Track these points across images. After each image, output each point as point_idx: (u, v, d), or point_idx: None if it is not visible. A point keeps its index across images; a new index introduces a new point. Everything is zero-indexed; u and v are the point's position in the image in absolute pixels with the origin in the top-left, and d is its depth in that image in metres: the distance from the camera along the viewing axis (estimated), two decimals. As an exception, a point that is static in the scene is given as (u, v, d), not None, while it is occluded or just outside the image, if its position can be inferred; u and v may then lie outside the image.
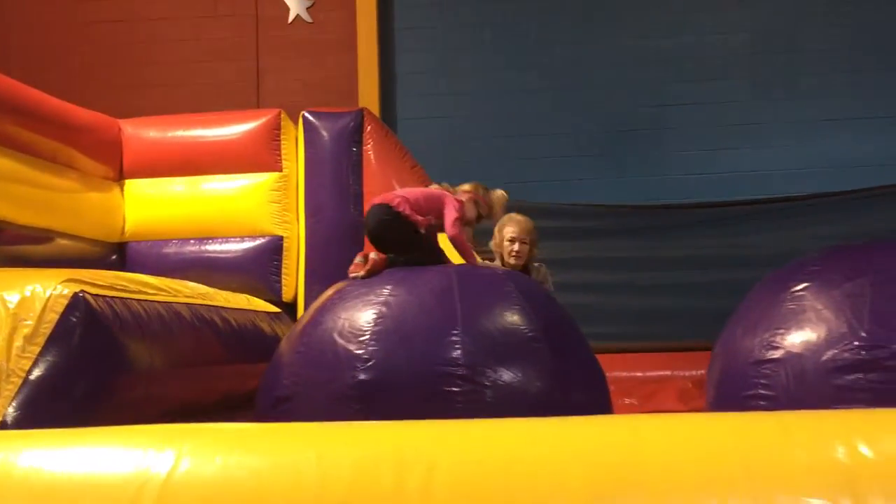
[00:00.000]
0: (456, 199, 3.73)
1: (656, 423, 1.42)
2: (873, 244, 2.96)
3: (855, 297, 2.64)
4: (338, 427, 1.53)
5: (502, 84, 6.79)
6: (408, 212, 3.52)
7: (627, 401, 4.77)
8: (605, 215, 5.95)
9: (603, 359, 4.22)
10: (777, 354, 2.74)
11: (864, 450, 1.25)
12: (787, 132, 6.37)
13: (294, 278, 5.49)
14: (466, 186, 3.85)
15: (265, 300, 5.25)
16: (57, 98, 4.94)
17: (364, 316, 3.07)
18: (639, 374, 5.19)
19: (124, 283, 3.40)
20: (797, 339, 2.71)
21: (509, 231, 4.13)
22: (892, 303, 2.61)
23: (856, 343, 2.57)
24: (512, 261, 4.10)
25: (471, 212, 3.81)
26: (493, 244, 4.21)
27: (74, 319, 2.95)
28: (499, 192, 3.94)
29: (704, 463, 1.24)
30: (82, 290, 2.99)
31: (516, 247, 4.08)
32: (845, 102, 6.33)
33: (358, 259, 3.49)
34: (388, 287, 3.17)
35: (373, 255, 3.44)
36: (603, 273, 5.96)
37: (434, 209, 3.67)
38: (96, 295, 3.08)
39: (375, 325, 3.04)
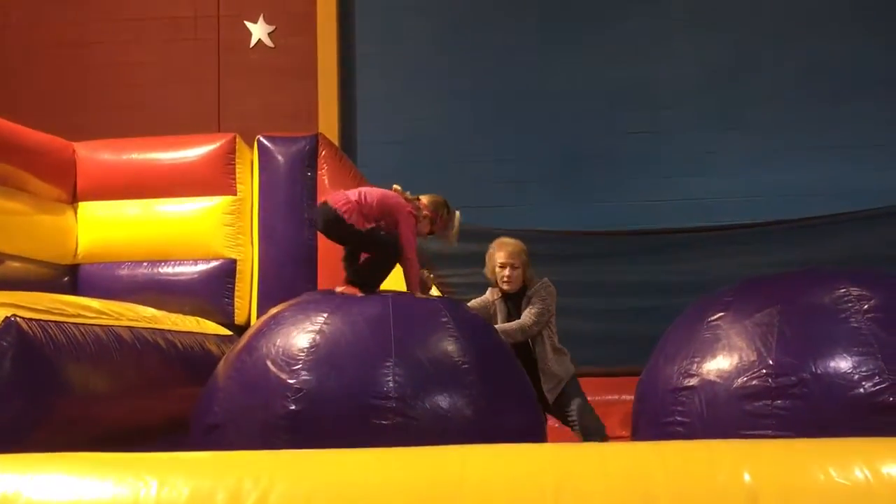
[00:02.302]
0: (412, 212, 3.68)
1: (484, 454, 1.48)
2: (784, 275, 3.05)
3: (764, 326, 2.73)
4: (182, 456, 1.58)
5: (460, 110, 6.89)
6: (351, 220, 3.51)
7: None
8: (557, 241, 6.02)
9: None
10: (693, 382, 2.82)
11: (664, 478, 1.32)
12: (735, 162, 6.51)
13: (247, 301, 5.53)
14: (427, 201, 3.77)
15: (218, 323, 5.27)
16: (15, 121, 4.98)
17: (298, 344, 3.05)
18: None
19: (62, 307, 3.42)
20: (711, 366, 2.80)
21: (499, 257, 4.09)
22: (798, 331, 2.70)
23: (764, 371, 2.66)
24: (505, 287, 4.06)
25: (424, 228, 3.78)
26: (486, 271, 4.20)
27: (5, 343, 2.98)
28: (457, 214, 3.88)
29: (522, 490, 1.31)
30: (14, 315, 3.02)
31: (507, 272, 4.04)
32: (791, 133, 6.48)
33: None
34: (324, 315, 3.15)
35: (339, 289, 3.49)
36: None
37: (387, 215, 3.65)
38: (30, 319, 3.10)
39: (308, 353, 3.01)
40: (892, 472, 1.72)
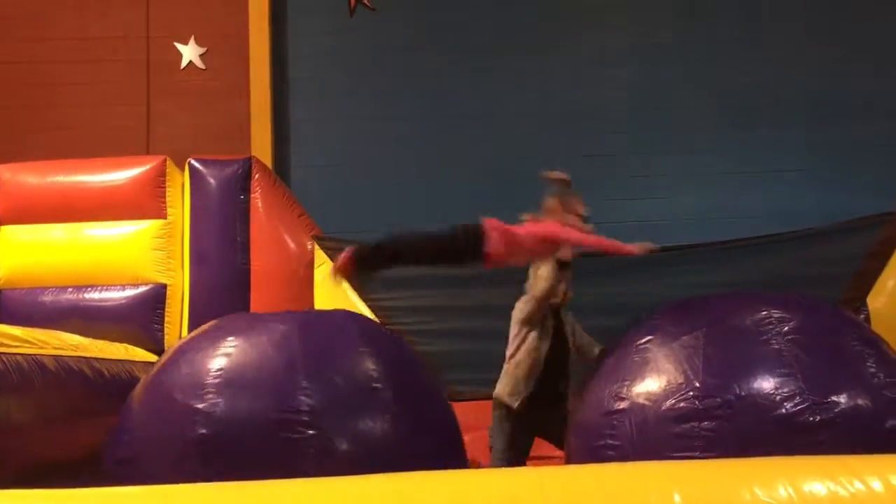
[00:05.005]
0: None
1: (417, 481, 1.49)
2: (709, 297, 3.14)
3: (690, 348, 2.80)
4: (110, 492, 1.54)
5: (396, 134, 6.90)
6: None
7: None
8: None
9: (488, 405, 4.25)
10: (623, 405, 2.87)
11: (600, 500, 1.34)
12: (664, 185, 6.68)
13: (177, 327, 5.43)
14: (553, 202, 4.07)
15: (147, 350, 5.16)
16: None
17: (205, 368, 3.01)
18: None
19: (-18, 336, 3.31)
20: (641, 389, 2.86)
21: None
22: (723, 353, 2.77)
23: (691, 393, 2.72)
24: None
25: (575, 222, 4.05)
26: None
27: (-79, 375, 2.86)
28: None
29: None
30: (-69, 345, 2.91)
31: None
32: (714, 158, 6.70)
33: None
34: (230, 338, 3.11)
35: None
36: (493, 319, 6.03)
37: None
38: (-53, 349, 2.99)
39: (215, 377, 2.97)
40: (813, 489, 1.80)
